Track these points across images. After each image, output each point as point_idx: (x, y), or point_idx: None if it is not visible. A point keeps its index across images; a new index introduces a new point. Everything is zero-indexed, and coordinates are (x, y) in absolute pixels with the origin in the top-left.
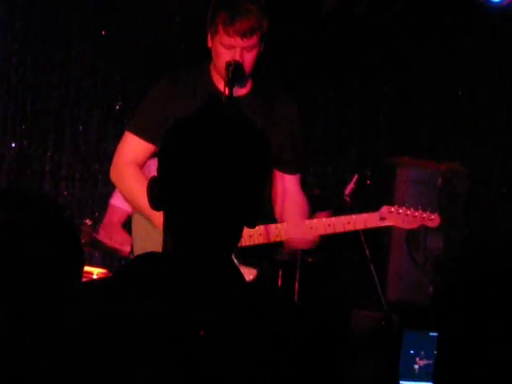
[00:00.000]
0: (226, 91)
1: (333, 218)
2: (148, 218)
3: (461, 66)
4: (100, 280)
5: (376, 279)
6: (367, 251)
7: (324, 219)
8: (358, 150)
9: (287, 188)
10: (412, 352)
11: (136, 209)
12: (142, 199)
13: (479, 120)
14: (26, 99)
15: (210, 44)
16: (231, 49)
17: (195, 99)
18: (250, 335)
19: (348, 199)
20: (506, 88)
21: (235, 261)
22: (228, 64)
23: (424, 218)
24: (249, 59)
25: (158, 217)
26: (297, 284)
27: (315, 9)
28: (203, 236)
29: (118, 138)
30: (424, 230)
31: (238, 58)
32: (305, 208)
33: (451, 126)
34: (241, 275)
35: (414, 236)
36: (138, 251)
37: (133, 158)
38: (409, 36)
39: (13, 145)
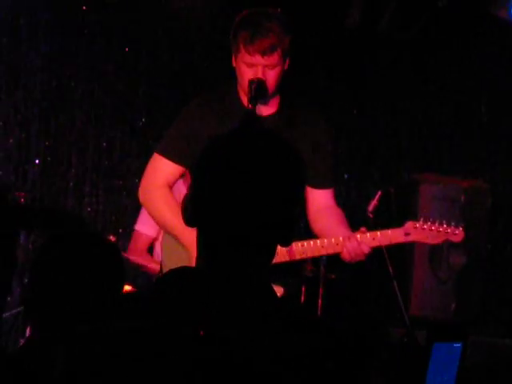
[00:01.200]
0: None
1: (358, 235)
2: (178, 239)
3: (484, 82)
4: (135, 294)
5: (399, 295)
6: (390, 267)
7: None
8: (381, 166)
9: (323, 204)
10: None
11: (166, 230)
12: (172, 221)
13: (502, 136)
14: (49, 116)
15: (234, 63)
16: (253, 67)
17: (224, 119)
18: (278, 352)
19: (371, 216)
20: None
21: None
22: (251, 81)
23: (448, 232)
24: (271, 77)
25: (187, 237)
26: (320, 301)
27: (338, 25)
28: (236, 253)
29: (142, 154)
30: (447, 246)
31: (260, 75)
32: (345, 220)
33: (474, 143)
34: (273, 292)
35: (437, 252)
36: (167, 267)
37: (162, 180)
38: (432, 53)
39: (37, 161)
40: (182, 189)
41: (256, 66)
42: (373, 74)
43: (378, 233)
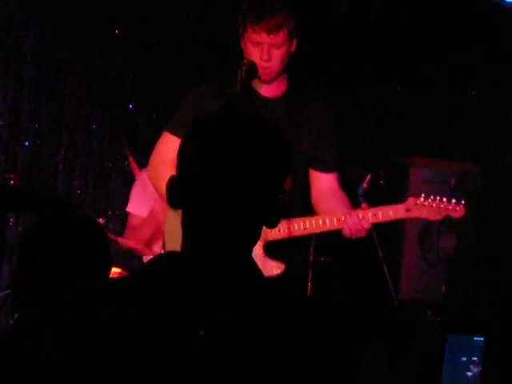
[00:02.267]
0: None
1: (360, 211)
2: None
3: (474, 66)
4: (122, 279)
5: (388, 279)
6: (380, 251)
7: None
8: (371, 149)
9: (327, 187)
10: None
11: None
12: None
13: (492, 120)
14: (39, 98)
15: (242, 44)
16: (259, 46)
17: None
18: (262, 333)
19: (361, 199)
20: None
21: (264, 254)
22: (242, 64)
23: (449, 209)
24: (277, 57)
25: None
26: (309, 283)
27: (329, 11)
28: (220, 235)
29: (131, 137)
30: (437, 229)
31: (265, 54)
32: (349, 202)
33: (464, 126)
34: (259, 273)
35: (426, 235)
36: (170, 249)
37: (170, 157)
38: (421, 37)
39: (26, 143)
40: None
41: (262, 45)
42: (362, 59)
43: (379, 209)
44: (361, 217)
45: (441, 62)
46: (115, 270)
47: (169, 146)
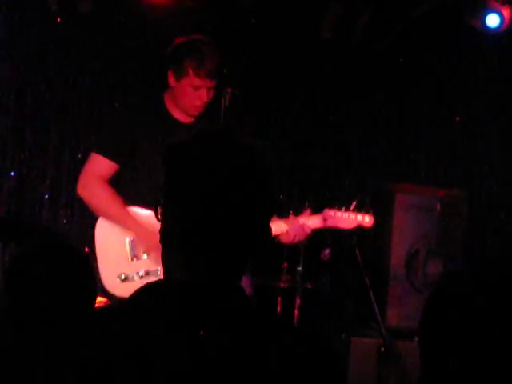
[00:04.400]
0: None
1: (289, 220)
2: (127, 228)
3: (459, 91)
4: (110, 308)
5: (375, 305)
6: (366, 278)
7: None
8: (357, 176)
9: None
10: None
11: (112, 219)
12: (118, 209)
13: (477, 144)
14: (25, 128)
15: (172, 83)
16: (198, 89)
17: (155, 125)
18: (253, 358)
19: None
20: (503, 114)
21: None
22: (225, 92)
23: (359, 219)
24: (211, 97)
25: (138, 228)
26: (296, 311)
27: (313, 36)
28: (210, 265)
29: None
30: (424, 255)
31: (206, 97)
32: None
33: (449, 152)
34: (249, 301)
35: (413, 261)
36: (101, 257)
37: (100, 175)
38: (406, 63)
39: (12, 173)
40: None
41: (202, 88)
42: (348, 83)
43: (301, 218)
44: (301, 222)
45: (425, 87)
46: (101, 300)
47: (98, 166)
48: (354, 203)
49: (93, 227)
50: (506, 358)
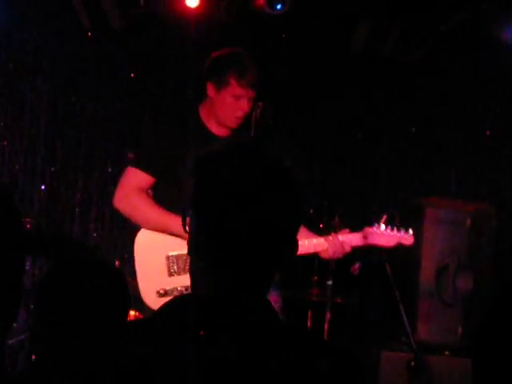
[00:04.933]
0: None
1: (322, 240)
2: (171, 230)
3: (489, 105)
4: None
5: (405, 320)
6: (396, 292)
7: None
8: (387, 190)
9: None
10: None
11: (155, 225)
12: (160, 214)
13: (507, 159)
14: (55, 142)
15: (212, 94)
16: (239, 99)
17: (190, 138)
18: (280, 372)
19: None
20: None
21: None
22: (256, 106)
23: (399, 237)
24: (250, 108)
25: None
26: (326, 325)
27: (344, 49)
28: (238, 279)
29: None
30: (453, 269)
31: (247, 107)
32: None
33: (479, 166)
34: (275, 313)
35: (443, 276)
36: (141, 272)
37: (139, 187)
38: (436, 77)
39: (42, 187)
40: None
41: (243, 98)
42: (377, 98)
43: (341, 236)
44: (341, 240)
45: (455, 101)
46: (130, 313)
47: (134, 180)
48: (384, 217)
49: (132, 242)
50: None
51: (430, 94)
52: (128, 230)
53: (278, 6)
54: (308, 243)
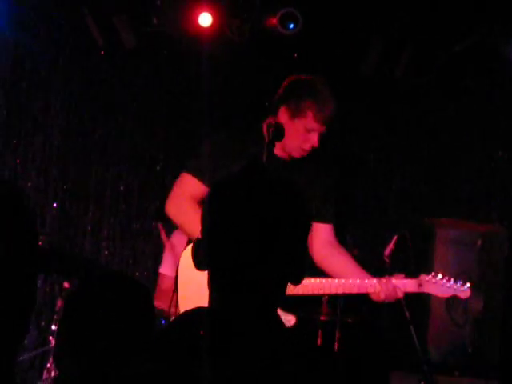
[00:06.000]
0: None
1: (375, 282)
2: None
3: (501, 126)
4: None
5: (416, 340)
6: (407, 312)
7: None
8: (397, 210)
9: (325, 238)
10: None
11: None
12: None
13: None
14: (67, 160)
15: (284, 120)
16: (311, 132)
17: (247, 156)
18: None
19: (387, 260)
20: None
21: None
22: (268, 125)
23: (456, 289)
24: (319, 143)
25: None
26: (336, 344)
27: (354, 72)
28: (248, 294)
29: (159, 197)
30: None
31: (316, 142)
32: (353, 259)
33: (490, 187)
34: (284, 329)
35: (454, 297)
36: (182, 289)
37: (191, 195)
38: (447, 98)
39: (54, 205)
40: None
41: (315, 132)
42: (388, 119)
43: (394, 281)
44: (395, 284)
45: (467, 122)
46: None
47: (188, 186)
48: (395, 238)
49: (134, 259)
50: None
51: (441, 116)
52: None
53: (291, 26)
54: (360, 283)
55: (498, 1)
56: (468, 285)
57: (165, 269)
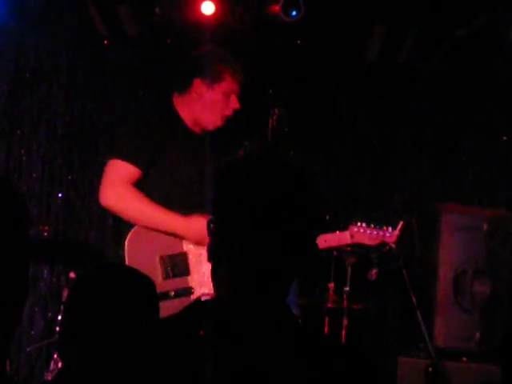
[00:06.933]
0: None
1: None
2: (167, 224)
3: (505, 111)
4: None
5: (423, 325)
6: (414, 298)
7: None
8: (403, 196)
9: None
10: None
11: (151, 224)
12: (154, 209)
13: None
14: (72, 149)
15: (199, 92)
16: (229, 96)
17: (170, 133)
18: (298, 378)
19: (394, 246)
20: None
21: None
22: (272, 112)
23: (383, 235)
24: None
25: (184, 227)
26: (343, 331)
27: (358, 58)
28: (258, 285)
29: None
30: (471, 275)
31: (237, 103)
32: None
33: (495, 172)
34: (294, 319)
35: (460, 282)
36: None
37: (127, 180)
38: (451, 82)
39: (60, 195)
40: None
41: (233, 95)
42: (392, 104)
43: (328, 235)
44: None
45: (472, 106)
46: None
47: (121, 172)
48: (401, 224)
49: (121, 244)
50: None
51: (445, 100)
52: (115, 230)
53: (293, 13)
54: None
55: None
56: (398, 228)
57: None
